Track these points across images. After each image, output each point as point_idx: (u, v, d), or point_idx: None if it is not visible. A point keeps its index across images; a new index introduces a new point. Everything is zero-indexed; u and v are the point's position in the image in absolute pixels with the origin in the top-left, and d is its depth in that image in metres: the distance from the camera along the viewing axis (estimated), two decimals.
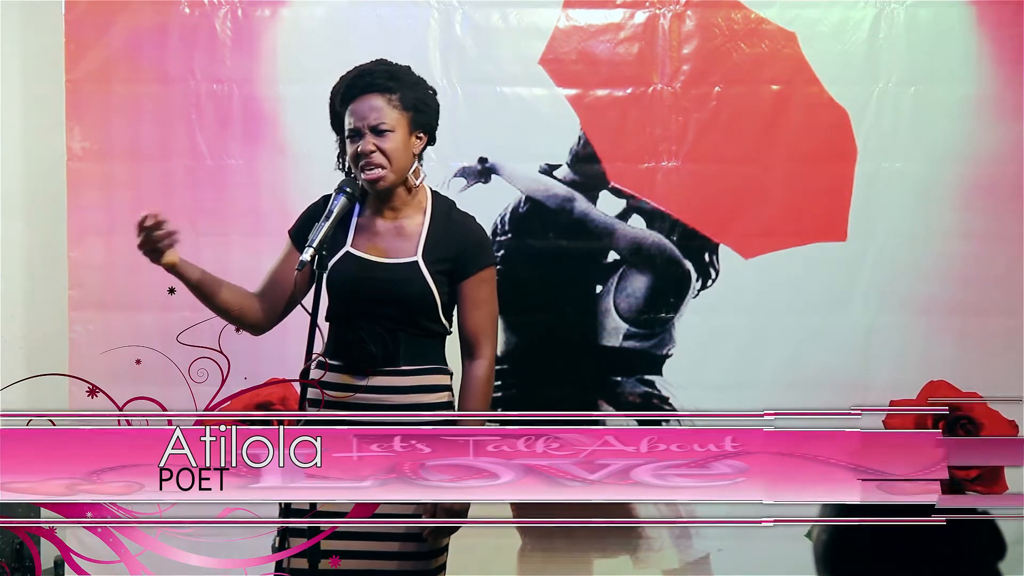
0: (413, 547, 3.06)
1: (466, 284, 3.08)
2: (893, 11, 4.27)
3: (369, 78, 3.05)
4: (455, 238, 3.09)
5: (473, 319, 3.10)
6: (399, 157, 3.04)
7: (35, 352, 4.56)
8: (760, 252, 4.30)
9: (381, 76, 3.06)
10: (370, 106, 3.03)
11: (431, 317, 3.08)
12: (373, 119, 3.02)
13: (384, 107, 3.03)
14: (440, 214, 3.11)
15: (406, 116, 3.05)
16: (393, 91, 3.04)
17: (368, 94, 3.04)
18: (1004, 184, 4.28)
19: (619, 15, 4.30)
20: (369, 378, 3.06)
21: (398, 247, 3.08)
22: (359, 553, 3.04)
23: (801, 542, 4.01)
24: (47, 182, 4.44)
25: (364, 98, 3.04)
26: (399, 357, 3.06)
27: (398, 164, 3.05)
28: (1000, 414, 4.31)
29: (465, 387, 3.10)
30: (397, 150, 3.04)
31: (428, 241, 3.07)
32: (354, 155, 3.04)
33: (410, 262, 3.05)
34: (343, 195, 2.97)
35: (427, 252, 3.06)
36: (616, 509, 4.36)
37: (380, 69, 3.08)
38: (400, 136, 3.04)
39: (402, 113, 3.04)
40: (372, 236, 3.09)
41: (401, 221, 3.10)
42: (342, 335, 3.07)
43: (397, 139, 3.04)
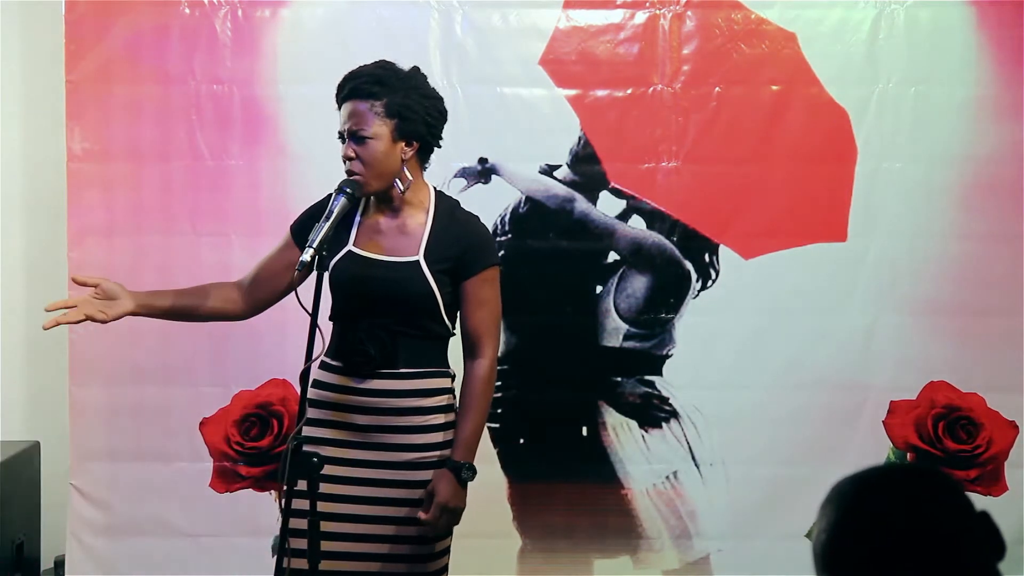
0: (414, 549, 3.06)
1: (469, 284, 3.08)
2: (893, 12, 4.27)
3: (355, 83, 3.03)
4: (458, 237, 3.08)
5: (475, 319, 3.09)
6: (377, 164, 3.01)
7: (35, 353, 4.56)
8: (760, 252, 4.30)
9: (367, 81, 3.02)
10: (351, 112, 3.02)
11: (433, 317, 3.07)
12: (352, 125, 3.01)
13: (365, 113, 3.00)
14: (443, 213, 3.10)
15: (389, 124, 3.01)
16: (377, 97, 3.01)
17: (352, 99, 3.02)
18: (1004, 184, 4.28)
19: (619, 15, 4.29)
20: (367, 380, 3.05)
21: (400, 246, 3.07)
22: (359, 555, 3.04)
23: (801, 542, 4.02)
24: (47, 182, 4.44)
25: (349, 103, 3.03)
26: (398, 359, 3.05)
27: (377, 170, 3.01)
28: (1000, 414, 4.31)
29: (466, 386, 3.09)
30: (374, 157, 3.00)
31: (430, 240, 3.06)
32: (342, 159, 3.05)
33: (411, 261, 3.05)
34: (343, 195, 2.97)
35: (429, 251, 3.05)
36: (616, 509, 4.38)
37: (368, 74, 3.05)
38: (381, 144, 3.01)
39: (384, 120, 3.01)
40: (374, 235, 3.09)
41: (403, 220, 3.09)
42: (343, 336, 3.07)
43: (377, 147, 3.00)
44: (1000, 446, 4.31)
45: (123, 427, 4.29)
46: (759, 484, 4.29)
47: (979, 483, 4.29)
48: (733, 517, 4.31)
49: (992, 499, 4.26)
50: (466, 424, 3.05)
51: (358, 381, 3.05)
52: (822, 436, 4.27)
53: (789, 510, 4.16)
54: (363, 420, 3.05)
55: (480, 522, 4.11)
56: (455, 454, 3.04)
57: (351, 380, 3.06)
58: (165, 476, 4.25)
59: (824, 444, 4.25)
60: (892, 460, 4.30)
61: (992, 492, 4.29)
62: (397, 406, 3.05)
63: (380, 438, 3.04)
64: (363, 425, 3.05)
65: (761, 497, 4.29)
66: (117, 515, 4.29)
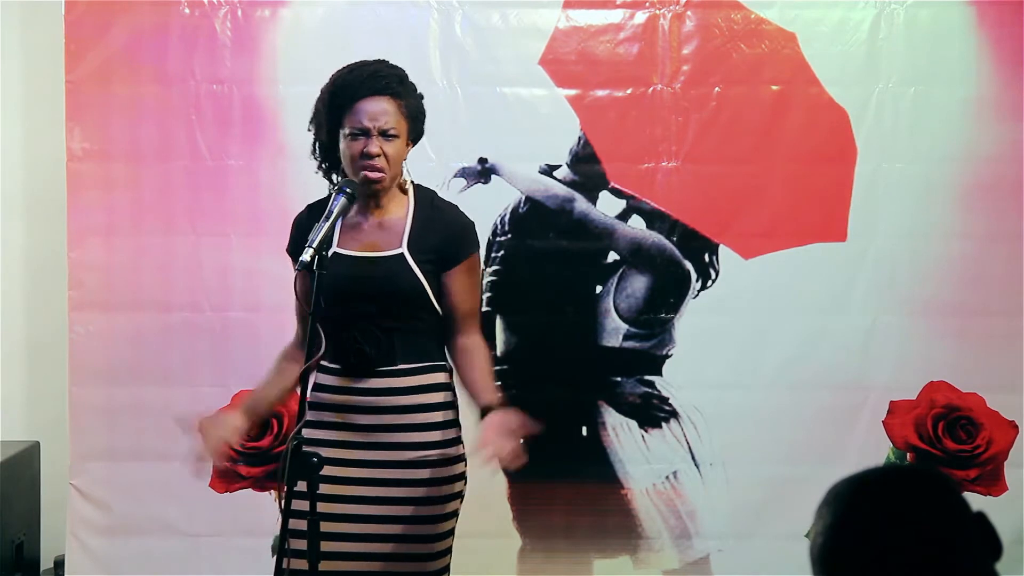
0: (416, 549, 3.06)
1: (452, 273, 3.09)
2: (893, 12, 4.27)
3: (384, 81, 3.05)
4: (439, 226, 3.09)
5: (462, 305, 3.11)
6: (397, 162, 3.06)
7: (35, 353, 4.56)
8: (760, 252, 4.30)
9: (395, 81, 3.06)
10: (383, 109, 3.02)
11: (424, 307, 3.07)
12: (384, 122, 3.02)
13: (394, 112, 3.03)
14: (422, 204, 3.12)
15: (406, 124, 3.06)
16: (402, 97, 3.06)
17: (382, 96, 3.03)
18: (1004, 184, 4.28)
19: (619, 15, 4.29)
20: (367, 380, 3.05)
21: (384, 241, 3.08)
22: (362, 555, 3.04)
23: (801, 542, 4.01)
24: (47, 182, 4.44)
25: (376, 99, 3.02)
26: (396, 356, 3.05)
27: (396, 169, 3.07)
28: (1000, 414, 4.31)
29: (465, 355, 3.10)
30: (398, 156, 3.06)
31: (412, 232, 3.07)
32: (357, 153, 3.02)
33: (396, 254, 3.05)
34: (343, 195, 2.96)
35: (412, 243, 3.06)
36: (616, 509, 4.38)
37: (392, 73, 3.08)
38: (401, 143, 3.06)
39: (405, 121, 3.06)
40: (358, 234, 3.09)
41: (383, 216, 3.09)
42: (337, 337, 3.06)
43: (399, 145, 3.05)
44: (1000, 446, 4.31)
45: (123, 427, 4.29)
46: (759, 484, 4.29)
47: (979, 483, 4.29)
48: (733, 517, 4.31)
49: (992, 499, 4.26)
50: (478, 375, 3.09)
51: (357, 381, 3.05)
52: (822, 436, 4.27)
53: (789, 510, 4.16)
54: (364, 420, 3.05)
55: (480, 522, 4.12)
56: (487, 398, 3.04)
57: (350, 381, 3.06)
58: (165, 476, 4.25)
59: (824, 444, 4.25)
60: (892, 460, 4.30)
61: (992, 492, 4.29)
62: (398, 404, 3.05)
63: (382, 437, 3.04)
64: (365, 425, 3.05)
65: (761, 497, 4.29)
66: (117, 515, 4.29)
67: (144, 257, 4.28)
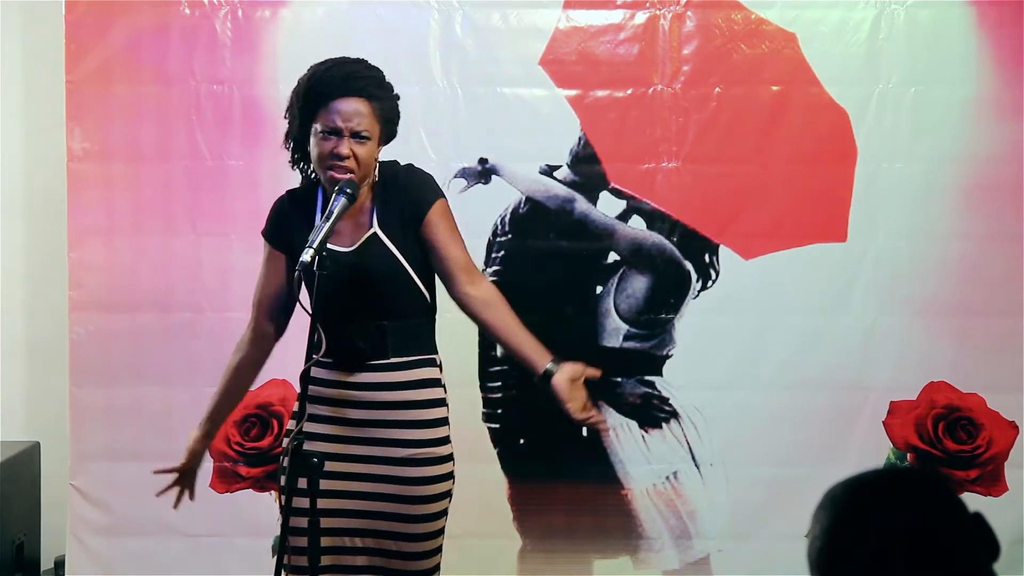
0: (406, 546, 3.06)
1: (427, 225, 3.06)
2: (893, 12, 4.27)
3: (362, 83, 3.02)
4: (397, 190, 3.08)
5: (454, 253, 3.08)
6: (367, 165, 3.02)
7: (35, 353, 4.56)
8: (760, 253, 4.30)
9: (372, 84, 3.04)
10: (357, 110, 3.00)
11: (409, 290, 3.06)
12: (356, 124, 2.99)
13: (369, 114, 3.00)
14: (384, 180, 3.09)
15: (379, 127, 3.04)
16: (378, 99, 3.03)
17: (357, 97, 3.01)
18: (1004, 184, 4.27)
19: (619, 16, 4.29)
20: (358, 374, 3.05)
21: (359, 230, 3.07)
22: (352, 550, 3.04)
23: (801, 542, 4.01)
24: (47, 182, 4.44)
25: (351, 100, 3.00)
26: (387, 348, 3.05)
27: (366, 171, 3.03)
28: (1000, 415, 4.31)
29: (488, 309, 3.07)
30: (368, 157, 3.02)
31: (379, 210, 3.06)
32: (327, 152, 3.00)
33: (370, 235, 3.04)
34: (343, 196, 2.96)
35: (381, 219, 3.05)
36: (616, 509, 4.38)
37: (370, 75, 3.06)
38: (373, 144, 3.03)
39: (378, 123, 3.03)
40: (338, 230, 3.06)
41: (354, 208, 3.05)
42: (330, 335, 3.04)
43: (371, 147, 3.03)
44: (1000, 446, 4.31)
45: (123, 427, 4.29)
46: (759, 484, 4.29)
47: (979, 483, 4.29)
48: (733, 517, 4.31)
49: (992, 499, 4.26)
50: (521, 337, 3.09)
51: (350, 375, 3.06)
52: (822, 436, 4.27)
53: (789, 510, 4.16)
54: (356, 414, 3.05)
55: (480, 522, 4.13)
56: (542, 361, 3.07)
57: (343, 374, 3.06)
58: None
59: (824, 444, 4.25)
60: (892, 461, 4.30)
61: (992, 492, 4.29)
62: (389, 399, 3.05)
63: (374, 433, 3.04)
64: (357, 420, 3.05)
65: (761, 497, 4.29)
66: (117, 515, 4.29)
67: (144, 257, 4.28)
